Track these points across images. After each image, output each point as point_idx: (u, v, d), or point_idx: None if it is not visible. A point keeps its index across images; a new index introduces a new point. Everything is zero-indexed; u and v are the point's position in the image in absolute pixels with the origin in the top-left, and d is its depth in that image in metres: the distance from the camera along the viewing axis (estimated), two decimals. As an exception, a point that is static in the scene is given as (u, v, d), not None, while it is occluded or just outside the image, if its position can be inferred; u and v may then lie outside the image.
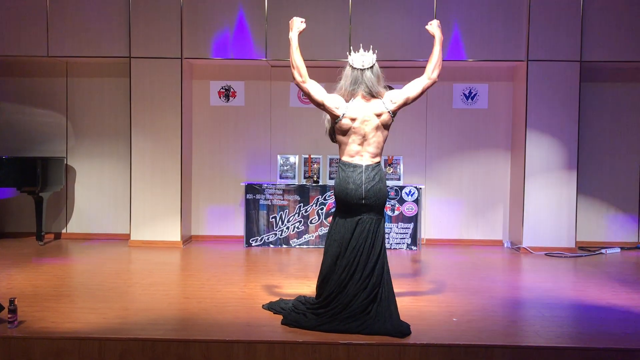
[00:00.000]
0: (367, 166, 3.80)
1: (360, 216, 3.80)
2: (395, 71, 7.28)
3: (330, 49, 6.87)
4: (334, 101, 3.82)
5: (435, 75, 3.85)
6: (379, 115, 3.78)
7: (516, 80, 7.21)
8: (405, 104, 3.85)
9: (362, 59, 3.82)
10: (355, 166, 3.80)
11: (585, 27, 6.79)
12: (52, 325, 3.82)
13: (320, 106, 3.85)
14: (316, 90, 3.84)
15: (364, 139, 3.79)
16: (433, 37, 3.92)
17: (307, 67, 3.88)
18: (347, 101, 3.83)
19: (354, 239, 3.78)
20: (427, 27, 3.98)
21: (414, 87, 3.87)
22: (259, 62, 7.10)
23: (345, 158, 3.85)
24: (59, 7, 6.90)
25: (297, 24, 3.93)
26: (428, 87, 3.88)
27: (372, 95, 3.80)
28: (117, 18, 6.91)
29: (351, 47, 3.93)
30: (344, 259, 3.79)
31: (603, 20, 6.80)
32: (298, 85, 3.89)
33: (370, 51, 3.87)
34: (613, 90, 7.36)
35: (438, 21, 3.97)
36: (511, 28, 6.87)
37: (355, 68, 3.82)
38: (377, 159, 3.84)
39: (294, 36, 3.92)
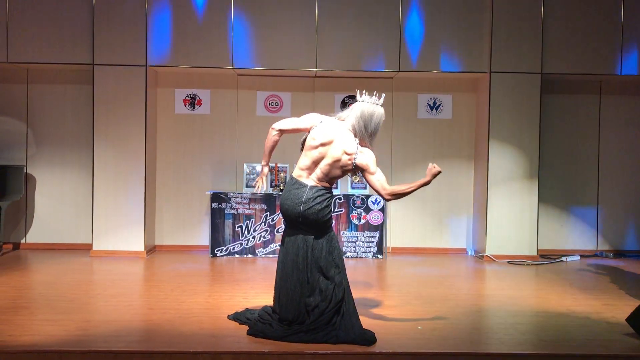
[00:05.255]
0: (312, 187, 3.76)
1: (299, 233, 3.81)
2: (359, 81, 7.35)
3: (297, 59, 6.89)
4: (312, 122, 3.83)
5: (388, 198, 3.73)
6: (343, 158, 3.70)
7: (479, 92, 7.35)
8: (362, 172, 3.74)
9: (366, 96, 3.80)
10: (300, 184, 3.78)
11: (545, 40, 6.97)
12: (9, 339, 3.70)
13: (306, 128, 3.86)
14: (292, 123, 3.88)
15: (318, 159, 3.76)
16: (425, 180, 3.66)
17: (274, 75, 3.88)
18: None
19: (294, 254, 3.79)
20: (431, 166, 3.67)
21: (374, 180, 3.71)
22: (225, 71, 7.07)
23: (294, 172, 3.86)
24: (19, 12, 6.76)
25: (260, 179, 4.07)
26: (375, 192, 3.79)
27: (352, 128, 3.74)
28: (80, 24, 6.80)
29: (365, 92, 3.86)
30: (293, 276, 3.78)
31: (563, 34, 7.00)
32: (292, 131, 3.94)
33: (376, 98, 3.81)
34: (572, 101, 7.57)
35: (439, 170, 3.69)
36: (474, 41, 7.01)
37: (358, 100, 3.82)
38: (324, 184, 3.78)
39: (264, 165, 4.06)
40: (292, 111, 7.29)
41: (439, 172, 3.68)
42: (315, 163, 3.76)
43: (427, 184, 3.69)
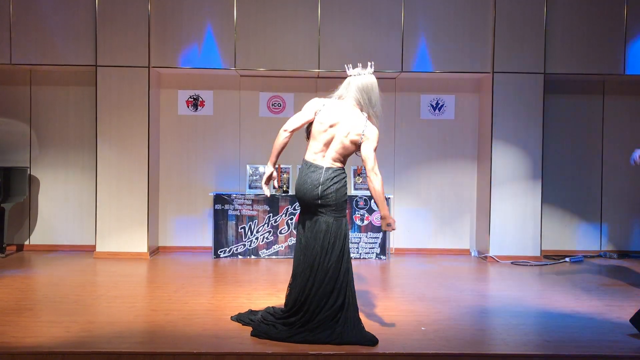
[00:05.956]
0: (328, 168, 3.82)
1: (317, 216, 3.83)
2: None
3: (300, 60, 6.89)
4: (314, 108, 3.86)
5: (371, 175, 3.74)
6: (353, 130, 3.77)
7: (482, 92, 7.34)
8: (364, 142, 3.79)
9: (358, 69, 3.91)
10: (315, 167, 3.83)
11: (548, 40, 6.96)
12: (13, 340, 3.71)
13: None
14: (300, 119, 3.86)
15: (330, 140, 3.82)
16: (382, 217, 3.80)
17: (277, 76, 3.89)
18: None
19: (312, 238, 3.81)
20: (391, 223, 3.76)
21: (372, 154, 3.77)
22: (227, 72, 7.08)
23: (307, 156, 3.89)
24: (22, 14, 6.77)
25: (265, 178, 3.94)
26: (364, 164, 3.80)
27: (357, 102, 3.83)
28: (83, 26, 6.81)
29: (350, 65, 4.04)
30: (306, 260, 3.82)
31: (565, 34, 6.98)
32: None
33: (369, 67, 3.92)
34: (575, 102, 7.55)
35: (391, 229, 3.79)
36: (477, 40, 7.00)
37: (349, 75, 3.92)
38: (338, 164, 3.85)
39: (269, 167, 3.94)
40: (295, 112, 7.26)
41: (389, 228, 3.78)
42: (327, 144, 3.82)
43: (382, 216, 3.77)
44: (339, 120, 3.79)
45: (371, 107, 3.85)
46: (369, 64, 3.96)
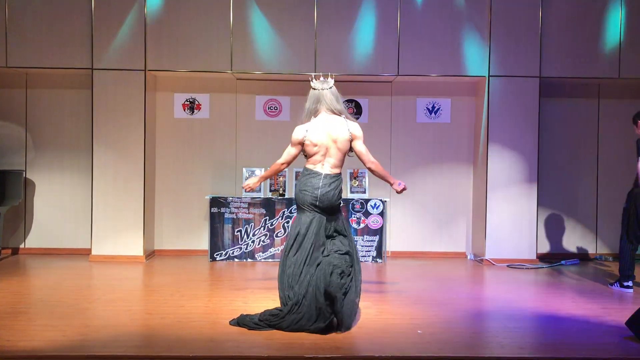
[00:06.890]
0: (327, 175, 4.22)
1: (314, 216, 4.20)
2: (359, 85, 7.37)
3: (296, 63, 6.90)
4: (298, 138, 4.23)
5: (371, 166, 4.31)
6: (340, 135, 4.20)
7: (478, 95, 7.36)
8: (352, 140, 4.25)
9: (322, 82, 4.30)
10: (315, 173, 4.23)
11: (544, 44, 6.99)
12: (7, 344, 3.70)
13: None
14: (294, 153, 4.31)
15: (326, 151, 4.19)
16: (391, 184, 4.43)
17: (273, 80, 3.97)
18: (309, 119, 4.28)
19: (308, 235, 4.14)
20: (401, 187, 4.43)
21: (364, 148, 4.30)
22: (224, 75, 7.08)
23: (309, 165, 4.27)
24: (18, 17, 6.76)
25: (252, 182, 4.45)
26: (361, 158, 4.31)
27: (332, 111, 4.24)
28: (80, 29, 6.81)
29: (313, 75, 4.41)
30: (298, 253, 4.12)
31: (561, 38, 7.01)
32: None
33: (329, 77, 4.33)
34: (571, 105, 7.58)
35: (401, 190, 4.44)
36: (473, 44, 7.01)
37: (315, 89, 4.27)
38: (336, 170, 4.28)
39: (261, 178, 4.47)
40: (291, 115, 7.30)
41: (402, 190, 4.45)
42: (324, 155, 4.21)
43: (394, 182, 4.41)
44: (326, 135, 4.17)
45: (340, 105, 4.29)
46: (329, 74, 4.38)
